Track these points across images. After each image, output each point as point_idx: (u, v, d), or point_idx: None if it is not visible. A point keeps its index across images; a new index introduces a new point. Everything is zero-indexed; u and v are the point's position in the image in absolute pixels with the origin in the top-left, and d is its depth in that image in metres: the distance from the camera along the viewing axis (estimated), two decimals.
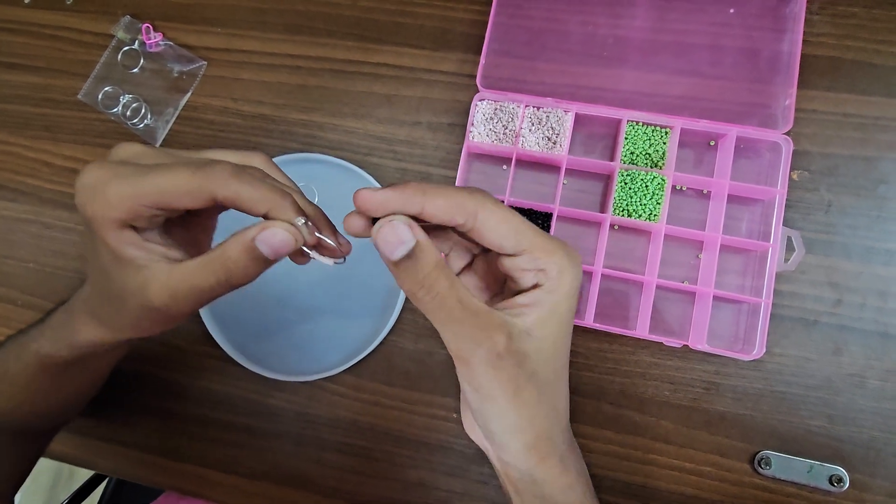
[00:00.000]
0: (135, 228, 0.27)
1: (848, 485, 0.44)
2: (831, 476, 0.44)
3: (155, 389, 0.52)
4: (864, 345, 0.45)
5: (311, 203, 0.30)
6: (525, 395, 0.27)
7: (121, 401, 0.52)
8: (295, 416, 0.50)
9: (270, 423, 0.50)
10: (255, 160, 0.31)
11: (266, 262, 0.27)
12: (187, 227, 0.32)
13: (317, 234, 0.28)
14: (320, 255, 0.29)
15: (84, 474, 0.68)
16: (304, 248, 0.28)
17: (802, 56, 0.46)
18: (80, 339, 0.34)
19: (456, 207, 0.25)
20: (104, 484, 0.79)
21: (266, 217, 0.27)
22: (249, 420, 0.51)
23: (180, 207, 0.26)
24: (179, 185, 0.26)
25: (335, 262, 0.29)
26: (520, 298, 0.27)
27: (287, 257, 0.28)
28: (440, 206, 0.25)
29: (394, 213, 0.25)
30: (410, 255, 0.24)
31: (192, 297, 0.27)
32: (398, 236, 0.24)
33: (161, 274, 0.27)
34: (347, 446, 0.49)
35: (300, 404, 0.50)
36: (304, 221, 0.27)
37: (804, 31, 0.46)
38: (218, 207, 0.28)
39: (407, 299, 0.49)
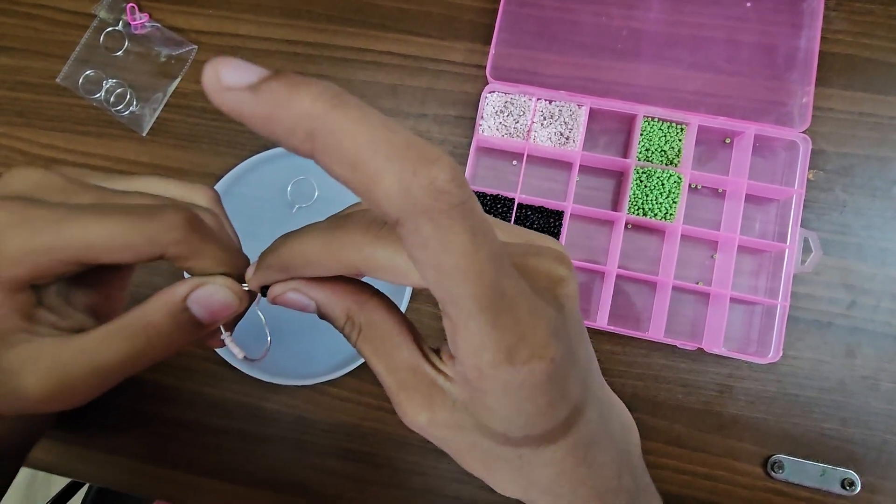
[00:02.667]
0: (33, 288, 0.21)
1: (860, 488, 0.43)
2: (843, 480, 0.44)
3: (143, 393, 0.49)
4: (877, 347, 0.45)
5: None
6: (469, 466, 0.20)
7: (106, 405, 0.49)
8: (293, 421, 0.48)
9: (267, 428, 0.48)
10: (200, 197, 0.24)
11: (196, 330, 0.21)
12: (94, 283, 0.24)
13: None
14: (230, 338, 0.23)
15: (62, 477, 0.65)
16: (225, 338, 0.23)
17: (819, 53, 0.45)
18: None
19: (326, 271, 0.18)
20: (84, 489, 0.75)
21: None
22: (244, 425, 0.48)
23: (110, 262, 0.20)
24: (116, 238, 0.19)
25: (246, 357, 0.24)
26: (454, 362, 0.19)
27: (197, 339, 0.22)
28: (310, 273, 0.19)
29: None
30: (321, 314, 0.20)
31: (91, 380, 0.20)
32: (296, 304, 0.20)
33: (42, 355, 0.20)
34: (349, 452, 0.47)
35: (298, 408, 0.48)
36: (247, 286, 0.21)
37: (821, 28, 0.45)
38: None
39: (411, 300, 0.47)
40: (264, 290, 0.21)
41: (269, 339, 0.24)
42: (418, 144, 0.13)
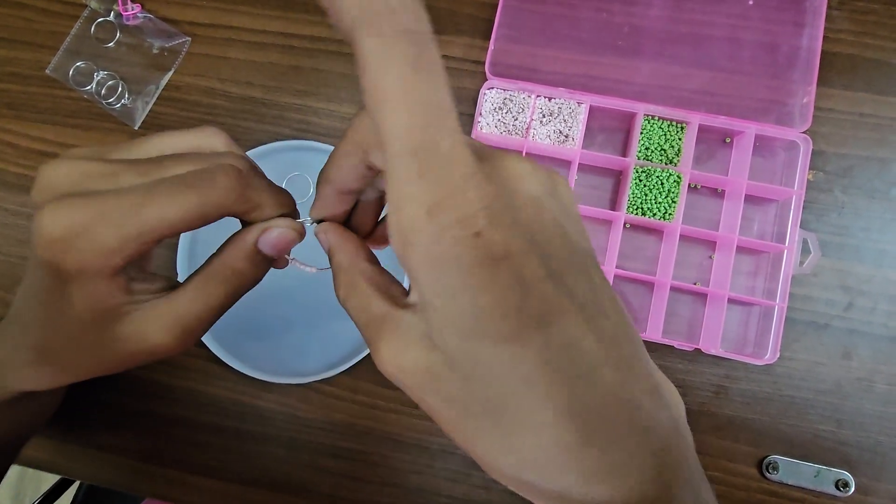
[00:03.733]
0: (123, 269, 0.23)
1: (854, 489, 0.43)
2: (837, 480, 0.44)
3: (135, 390, 0.48)
4: (873, 349, 0.45)
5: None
6: (443, 426, 0.18)
7: (98, 402, 0.48)
8: (287, 420, 0.48)
9: (260, 426, 0.48)
10: (217, 141, 0.25)
11: (268, 264, 0.25)
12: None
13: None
14: (297, 260, 0.26)
15: (52, 476, 0.64)
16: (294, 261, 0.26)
17: (820, 53, 0.45)
18: (26, 388, 0.28)
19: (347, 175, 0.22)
20: (75, 487, 0.74)
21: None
22: (237, 423, 0.48)
23: (185, 231, 0.23)
24: (191, 212, 0.21)
25: (319, 270, 0.26)
26: (414, 284, 0.18)
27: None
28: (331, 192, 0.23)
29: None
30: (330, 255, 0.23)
31: (205, 321, 0.24)
32: (323, 241, 0.23)
33: (162, 313, 0.23)
34: (343, 451, 0.47)
35: (292, 407, 0.48)
36: (305, 221, 0.24)
37: (823, 27, 0.45)
38: None
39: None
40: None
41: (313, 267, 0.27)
42: None
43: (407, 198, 0.15)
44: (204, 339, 0.47)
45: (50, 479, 0.77)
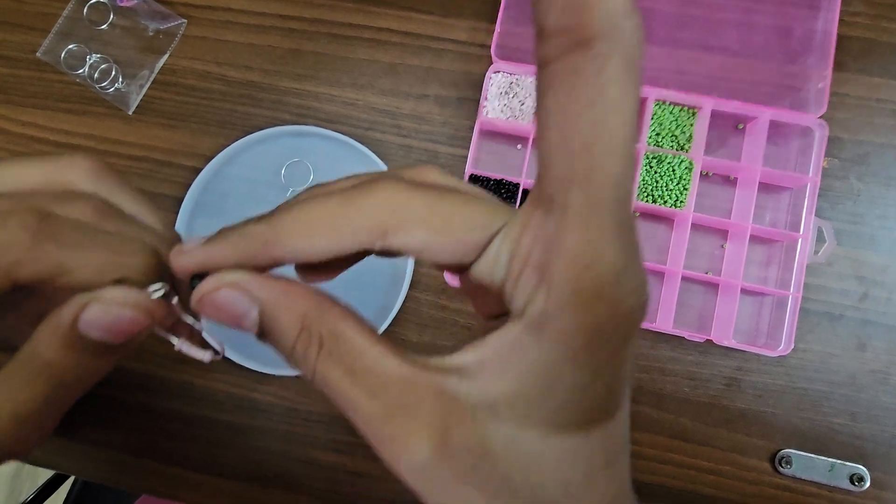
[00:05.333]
0: None
1: (869, 484, 0.42)
2: (852, 475, 0.43)
3: (129, 384, 0.47)
4: (888, 340, 0.44)
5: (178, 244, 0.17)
6: None
7: (92, 397, 0.47)
8: (284, 413, 0.46)
9: (256, 419, 0.46)
10: (74, 174, 0.18)
11: (112, 351, 0.17)
12: (7, 305, 0.19)
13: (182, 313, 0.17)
14: (185, 341, 0.18)
15: (47, 471, 0.62)
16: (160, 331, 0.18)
17: (836, 36, 0.43)
18: None
19: (333, 242, 0.15)
20: (70, 481, 0.73)
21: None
22: (234, 417, 0.46)
23: None
24: None
25: (212, 358, 0.18)
26: (477, 344, 0.15)
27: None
28: (301, 252, 0.15)
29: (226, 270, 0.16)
30: (262, 329, 0.15)
31: (15, 432, 0.16)
32: (229, 309, 0.15)
33: None
34: (342, 444, 0.46)
35: (289, 399, 0.46)
36: (161, 289, 0.17)
37: (839, 10, 0.44)
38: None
39: (411, 288, 0.46)
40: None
41: (220, 346, 0.18)
42: None
43: (599, 257, 0.12)
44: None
45: (45, 475, 0.76)
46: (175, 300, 0.17)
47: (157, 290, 0.16)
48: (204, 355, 0.18)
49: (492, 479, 0.14)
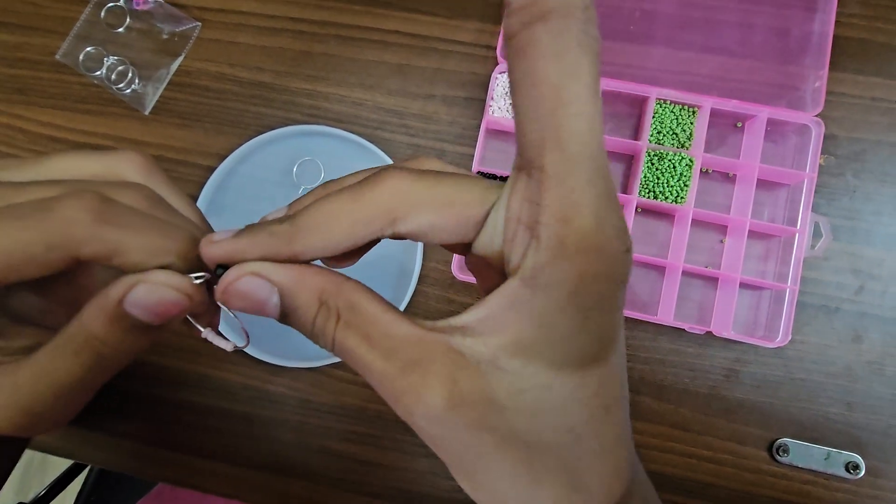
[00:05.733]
0: None
1: (864, 471, 0.44)
2: (848, 463, 0.44)
3: (146, 376, 0.48)
4: (883, 332, 0.45)
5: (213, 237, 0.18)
6: (496, 472, 0.16)
7: (109, 388, 0.48)
8: (297, 404, 0.48)
9: (270, 410, 0.48)
10: (127, 167, 0.20)
11: (151, 332, 0.18)
12: (41, 289, 0.21)
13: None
14: (212, 331, 0.19)
15: (59, 463, 0.64)
16: (191, 319, 0.19)
17: (832, 37, 0.45)
18: None
19: (349, 235, 0.16)
20: (84, 475, 0.75)
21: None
22: (248, 408, 0.48)
23: (26, 279, 0.17)
24: (17, 251, 0.16)
25: (236, 347, 0.20)
26: (479, 304, 0.16)
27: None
28: (321, 248, 0.16)
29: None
30: (284, 310, 0.17)
31: (53, 404, 0.18)
32: (252, 296, 0.16)
33: (2, 383, 0.18)
34: (354, 435, 0.47)
35: (303, 391, 0.48)
36: (203, 276, 0.18)
37: (835, 11, 0.45)
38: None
39: (419, 282, 0.47)
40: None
41: (246, 335, 0.20)
42: None
43: (579, 209, 0.14)
44: None
45: (54, 471, 0.77)
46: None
47: (199, 277, 0.18)
48: (227, 345, 0.19)
49: (499, 426, 0.15)
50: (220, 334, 0.20)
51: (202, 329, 0.19)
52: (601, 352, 0.16)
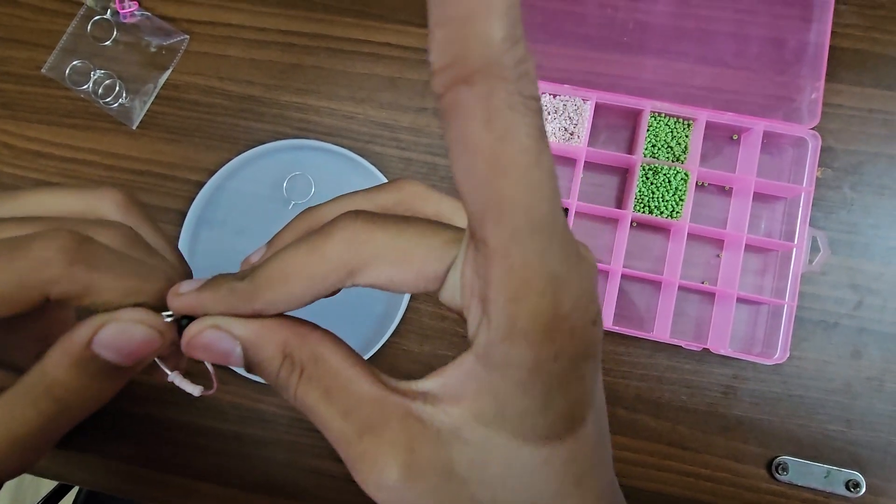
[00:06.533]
0: None
1: (864, 489, 0.43)
2: (848, 481, 0.43)
3: (135, 394, 0.47)
4: (883, 348, 0.44)
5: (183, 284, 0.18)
6: None
7: (99, 409, 0.47)
8: (289, 423, 0.47)
9: (262, 430, 0.47)
10: (105, 204, 0.20)
11: (119, 375, 0.18)
12: (14, 325, 0.20)
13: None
14: (179, 374, 0.19)
15: (50, 482, 0.63)
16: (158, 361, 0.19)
17: (829, 48, 0.44)
18: None
19: (307, 291, 0.16)
20: (74, 492, 0.74)
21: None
22: (239, 427, 0.47)
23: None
24: None
25: (203, 392, 0.19)
26: (439, 372, 0.16)
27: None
28: (283, 303, 0.16)
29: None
30: (248, 362, 0.17)
31: (14, 454, 0.17)
32: (214, 349, 0.16)
33: None
34: None
35: (293, 410, 0.47)
36: (173, 315, 0.17)
37: (831, 22, 0.44)
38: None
39: (411, 299, 0.46)
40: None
41: (213, 380, 0.19)
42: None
43: (528, 287, 0.13)
44: None
45: (49, 485, 0.76)
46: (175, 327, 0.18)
47: (169, 315, 0.17)
48: (194, 389, 0.19)
49: (459, 499, 0.15)
50: (185, 379, 0.19)
51: (169, 372, 0.19)
52: (571, 424, 0.15)
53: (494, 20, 0.11)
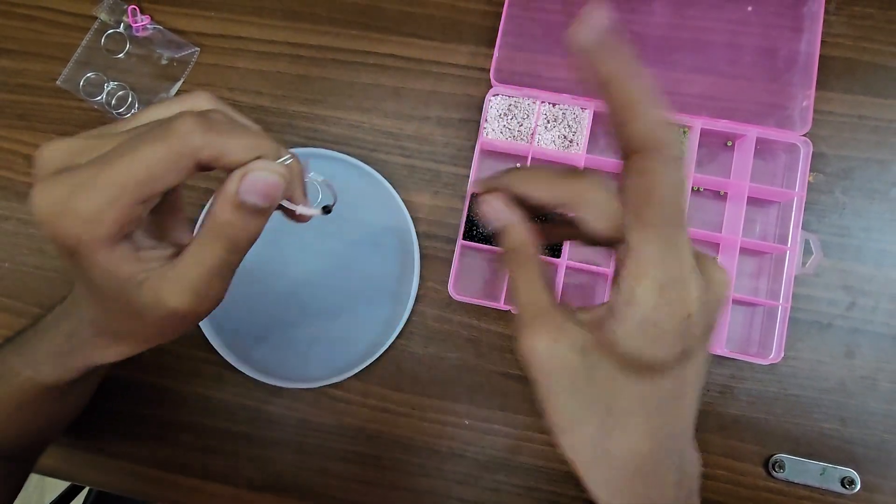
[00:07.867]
0: (127, 238, 0.23)
1: (859, 486, 0.44)
2: (843, 478, 0.44)
3: (147, 397, 0.49)
4: (875, 347, 0.45)
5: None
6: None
7: (110, 409, 0.49)
8: (297, 424, 0.48)
9: (271, 431, 0.48)
10: (201, 100, 0.25)
11: (264, 213, 0.23)
12: (158, 216, 0.27)
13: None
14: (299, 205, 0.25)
15: (57, 484, 0.63)
16: (286, 204, 0.25)
17: (819, 57, 0.45)
18: (96, 361, 0.30)
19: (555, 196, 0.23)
20: (83, 495, 0.74)
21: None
22: (247, 428, 0.48)
23: (164, 189, 0.22)
24: (157, 163, 0.21)
25: (324, 211, 0.26)
26: (590, 308, 0.24)
27: (288, 219, 0.27)
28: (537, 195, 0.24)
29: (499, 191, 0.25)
30: (501, 233, 0.24)
31: (214, 282, 0.24)
32: (494, 213, 0.24)
33: (171, 278, 0.23)
34: (353, 455, 0.47)
35: (302, 411, 0.48)
36: (289, 158, 0.24)
37: (821, 32, 0.46)
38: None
39: (416, 302, 0.47)
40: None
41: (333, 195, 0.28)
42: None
43: (648, 275, 0.20)
44: (213, 343, 0.47)
45: (54, 491, 0.77)
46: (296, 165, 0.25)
47: (286, 158, 0.24)
48: (315, 211, 0.26)
49: (569, 385, 0.23)
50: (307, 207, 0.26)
51: (299, 208, 0.25)
52: (669, 362, 0.22)
53: (661, 110, 0.20)
